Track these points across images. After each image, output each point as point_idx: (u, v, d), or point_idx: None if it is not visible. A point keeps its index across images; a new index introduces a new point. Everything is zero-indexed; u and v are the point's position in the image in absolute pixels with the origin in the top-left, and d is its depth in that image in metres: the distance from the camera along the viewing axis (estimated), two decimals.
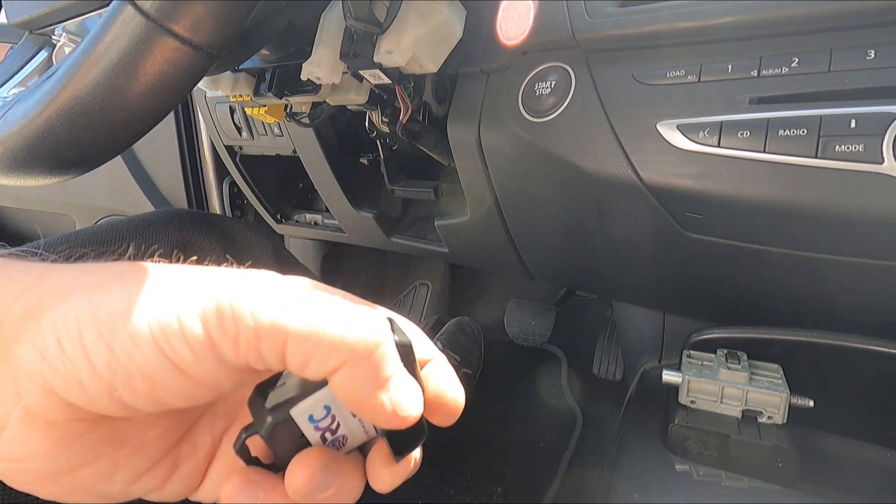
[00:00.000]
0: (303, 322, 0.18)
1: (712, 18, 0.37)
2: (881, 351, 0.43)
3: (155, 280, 0.20)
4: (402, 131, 0.52)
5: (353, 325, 0.19)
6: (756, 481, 0.42)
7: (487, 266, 0.73)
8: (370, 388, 0.19)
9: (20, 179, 0.34)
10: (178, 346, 0.18)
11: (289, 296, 0.19)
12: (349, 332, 0.19)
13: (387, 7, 0.42)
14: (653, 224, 0.44)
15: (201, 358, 0.18)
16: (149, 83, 0.30)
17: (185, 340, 0.18)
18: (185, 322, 0.18)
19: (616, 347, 1.03)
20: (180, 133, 0.96)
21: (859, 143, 0.32)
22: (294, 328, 0.18)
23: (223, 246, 0.54)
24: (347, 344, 0.19)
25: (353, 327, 0.19)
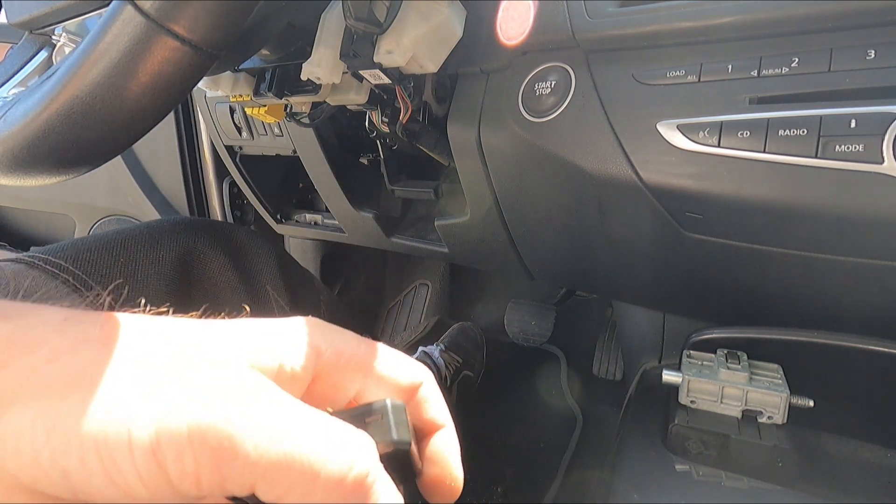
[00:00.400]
0: (276, 455, 0.16)
1: (712, 18, 0.37)
2: (881, 351, 0.43)
3: (120, 380, 0.17)
4: (402, 131, 0.52)
5: (334, 453, 0.17)
6: (756, 481, 0.42)
7: (487, 266, 0.73)
8: None
9: (20, 179, 0.34)
10: (129, 478, 0.16)
11: (262, 416, 0.17)
12: (330, 464, 0.17)
13: (387, 7, 0.42)
14: (653, 224, 0.44)
15: (155, 493, 0.16)
16: (149, 83, 0.30)
17: (136, 472, 0.16)
18: (136, 452, 0.16)
19: (616, 347, 1.03)
20: (180, 133, 0.96)
21: (859, 143, 0.32)
22: (265, 464, 0.16)
23: (227, 254, 0.55)
24: (329, 479, 0.17)
25: (333, 456, 0.17)
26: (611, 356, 1.03)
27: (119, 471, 0.16)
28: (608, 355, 1.03)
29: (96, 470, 0.16)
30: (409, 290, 1.27)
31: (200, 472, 0.16)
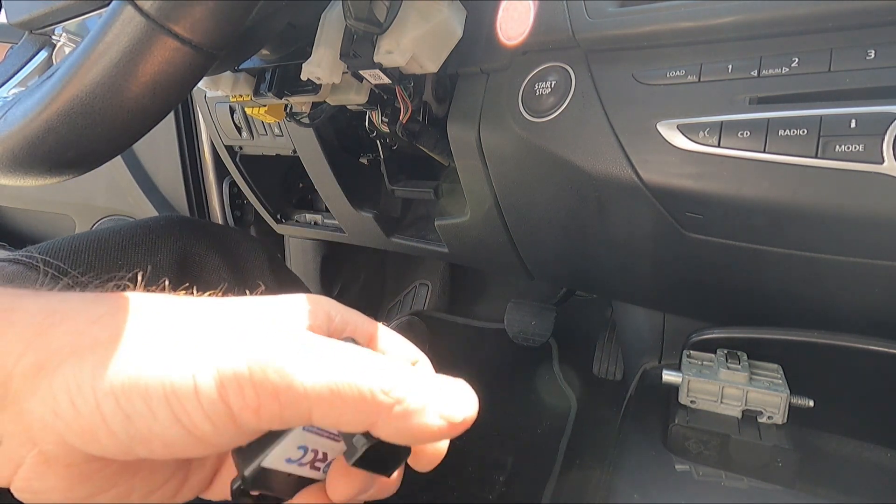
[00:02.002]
0: (325, 387, 0.18)
1: (712, 18, 0.37)
2: (881, 351, 0.43)
3: (168, 335, 0.19)
4: (402, 131, 0.52)
5: (377, 378, 0.19)
6: (756, 481, 0.42)
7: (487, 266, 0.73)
8: (414, 426, 0.19)
9: (20, 179, 0.34)
10: (196, 418, 0.18)
11: (309, 354, 0.19)
12: (376, 388, 0.18)
13: (387, 7, 0.42)
14: (653, 224, 0.44)
15: (220, 428, 0.18)
16: (149, 83, 0.30)
17: (202, 412, 0.18)
18: (202, 393, 0.18)
19: (616, 347, 1.03)
20: (180, 133, 0.96)
21: (859, 143, 0.32)
22: (317, 394, 0.18)
23: (222, 257, 0.55)
24: (376, 402, 0.18)
25: (377, 381, 0.19)
26: (611, 356, 1.03)
27: (185, 410, 0.18)
28: (608, 355, 1.03)
29: (162, 412, 0.18)
30: (409, 290, 1.27)
31: (261, 404, 0.18)
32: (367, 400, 0.18)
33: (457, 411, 0.20)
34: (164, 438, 0.18)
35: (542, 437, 0.95)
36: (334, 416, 0.18)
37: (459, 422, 0.20)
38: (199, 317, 0.20)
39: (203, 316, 0.20)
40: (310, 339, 0.20)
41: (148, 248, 0.51)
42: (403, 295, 1.27)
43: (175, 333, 0.19)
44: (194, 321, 0.20)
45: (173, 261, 0.51)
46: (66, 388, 0.18)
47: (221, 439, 0.18)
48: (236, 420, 0.18)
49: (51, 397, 0.18)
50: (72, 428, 0.18)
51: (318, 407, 0.18)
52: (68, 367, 0.18)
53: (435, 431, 0.19)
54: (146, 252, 0.50)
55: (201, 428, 0.18)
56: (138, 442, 0.18)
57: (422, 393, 0.19)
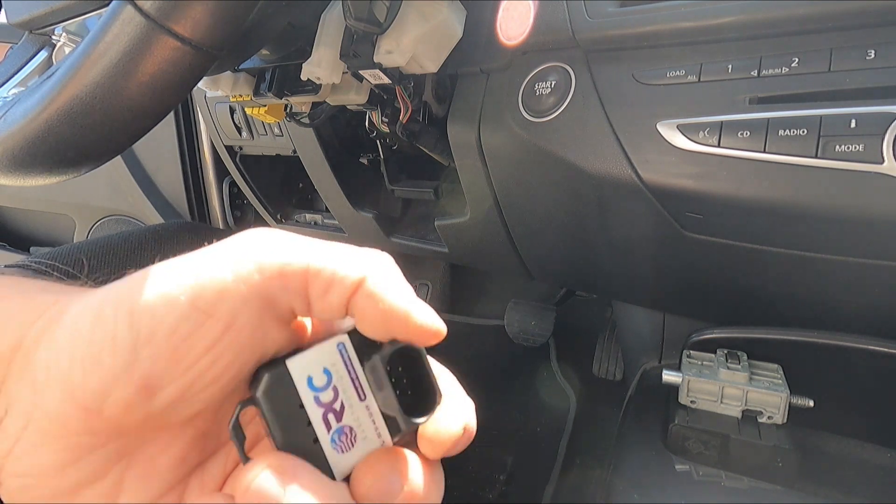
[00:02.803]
0: (319, 258, 0.19)
1: (712, 18, 0.37)
2: (881, 351, 0.43)
3: (170, 265, 0.20)
4: (402, 131, 0.52)
5: (362, 252, 0.20)
6: (756, 481, 0.42)
7: (487, 266, 0.73)
8: (395, 296, 0.20)
9: (20, 179, 0.34)
10: (208, 294, 0.18)
11: (297, 240, 0.20)
12: (360, 256, 0.20)
13: (387, 7, 0.42)
14: (653, 224, 0.44)
15: (225, 297, 0.18)
16: (149, 83, 0.30)
17: (214, 287, 0.18)
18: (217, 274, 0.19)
19: (616, 347, 1.03)
20: (180, 133, 0.96)
21: (859, 143, 0.32)
22: (314, 264, 0.19)
23: None
24: (362, 262, 0.20)
25: (362, 253, 0.20)
26: (611, 356, 1.02)
27: (206, 300, 0.18)
28: (608, 355, 1.03)
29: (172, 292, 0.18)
30: None
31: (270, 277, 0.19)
32: (336, 279, 0.19)
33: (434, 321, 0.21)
34: (168, 323, 0.18)
35: (542, 436, 0.95)
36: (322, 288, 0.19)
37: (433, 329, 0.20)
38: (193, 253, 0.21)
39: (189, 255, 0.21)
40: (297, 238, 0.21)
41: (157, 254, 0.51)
42: None
43: (184, 258, 0.20)
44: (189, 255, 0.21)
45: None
46: (72, 317, 0.19)
47: (226, 313, 0.19)
48: (273, 305, 0.19)
49: (59, 331, 0.18)
50: (74, 359, 0.18)
51: (313, 275, 0.19)
52: (78, 302, 0.19)
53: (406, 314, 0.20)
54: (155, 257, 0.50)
55: (211, 302, 0.18)
56: (143, 340, 0.18)
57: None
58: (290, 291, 0.19)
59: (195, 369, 0.18)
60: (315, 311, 0.20)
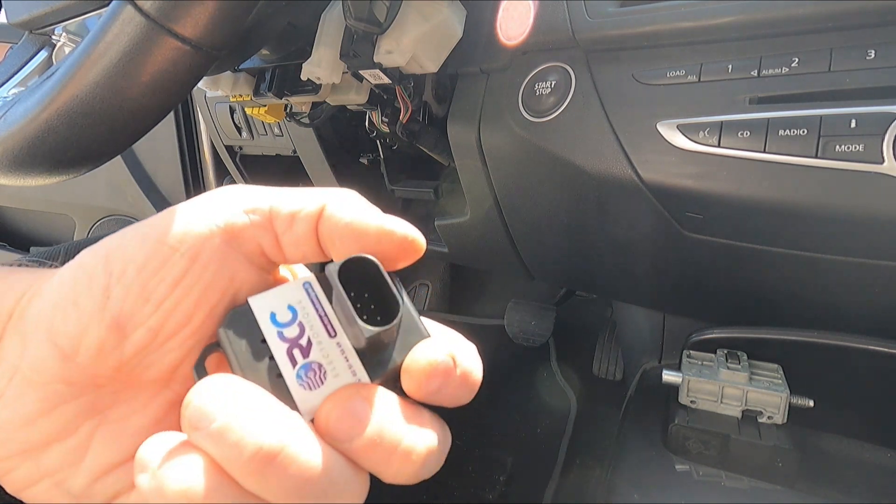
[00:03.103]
0: (282, 196, 0.20)
1: (712, 18, 0.37)
2: (881, 351, 0.43)
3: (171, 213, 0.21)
4: (402, 131, 0.52)
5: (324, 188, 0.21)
6: (756, 481, 0.42)
7: (487, 266, 0.73)
8: (361, 214, 0.20)
9: (20, 179, 0.34)
10: (175, 231, 0.19)
11: (261, 188, 0.21)
12: (321, 189, 0.20)
13: (387, 7, 0.42)
14: (653, 224, 0.44)
15: (189, 231, 0.19)
16: (149, 83, 0.30)
17: (180, 223, 0.19)
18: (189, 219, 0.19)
19: (616, 347, 1.03)
20: (180, 133, 0.96)
21: (859, 143, 0.32)
22: (276, 201, 0.20)
23: None
24: (322, 192, 0.20)
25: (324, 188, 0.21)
26: (611, 356, 1.02)
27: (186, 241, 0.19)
28: (608, 355, 1.03)
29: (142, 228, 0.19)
30: (409, 290, 1.27)
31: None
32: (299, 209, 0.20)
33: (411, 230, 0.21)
34: (136, 252, 0.19)
35: (542, 436, 0.95)
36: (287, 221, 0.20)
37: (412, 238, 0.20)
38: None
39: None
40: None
41: None
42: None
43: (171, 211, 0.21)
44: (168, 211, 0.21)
45: None
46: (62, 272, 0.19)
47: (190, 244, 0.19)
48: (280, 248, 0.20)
49: (49, 286, 0.19)
50: (57, 302, 0.19)
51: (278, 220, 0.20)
52: (74, 261, 0.20)
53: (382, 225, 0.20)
54: None
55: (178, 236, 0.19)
56: (116, 275, 0.19)
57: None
58: (255, 227, 0.20)
59: (164, 308, 0.19)
60: (286, 251, 0.20)
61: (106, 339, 0.18)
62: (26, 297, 0.20)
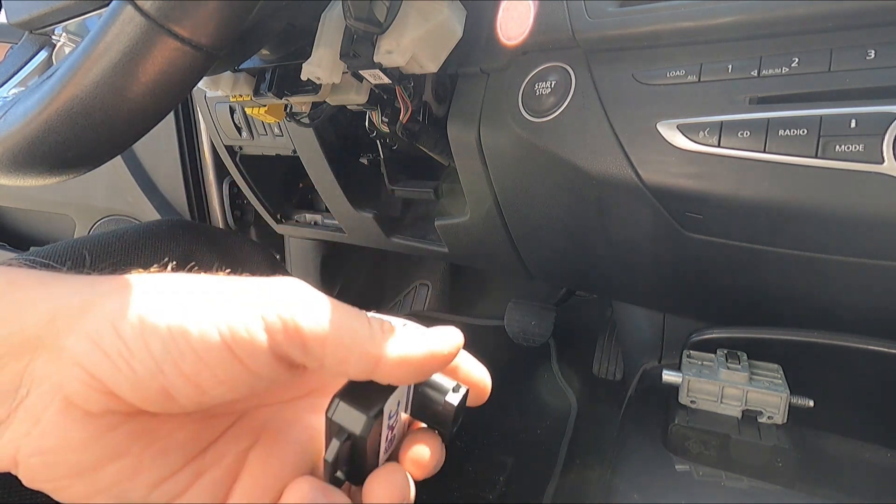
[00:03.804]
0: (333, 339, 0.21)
1: (712, 18, 0.37)
2: (881, 351, 0.43)
3: (209, 293, 0.21)
4: (402, 131, 0.52)
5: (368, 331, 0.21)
6: (756, 481, 0.42)
7: (487, 266, 0.73)
8: (415, 356, 0.21)
9: (20, 179, 0.34)
10: (251, 354, 0.20)
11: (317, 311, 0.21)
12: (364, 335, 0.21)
13: (387, 7, 0.42)
14: (653, 224, 0.44)
15: (267, 363, 0.20)
16: (149, 83, 0.30)
17: (254, 350, 0.20)
18: (255, 337, 0.20)
19: (616, 347, 1.03)
20: (180, 133, 0.96)
21: (859, 143, 0.32)
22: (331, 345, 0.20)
23: (224, 261, 0.56)
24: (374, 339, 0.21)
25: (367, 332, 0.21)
26: (611, 356, 1.02)
27: (242, 348, 0.20)
28: (608, 355, 1.03)
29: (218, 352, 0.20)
30: (409, 291, 1.27)
31: (290, 350, 0.20)
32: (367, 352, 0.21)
33: (444, 344, 0.22)
34: (196, 349, 0.19)
35: (542, 437, 0.95)
36: (339, 359, 0.21)
37: (447, 353, 0.22)
38: (225, 280, 0.22)
39: (227, 279, 0.22)
40: (323, 300, 0.22)
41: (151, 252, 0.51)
42: (403, 295, 1.27)
43: (213, 291, 0.21)
44: (223, 281, 0.22)
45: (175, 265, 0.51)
46: (111, 320, 0.19)
47: (270, 372, 0.20)
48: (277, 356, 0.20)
49: (94, 329, 0.19)
50: (107, 355, 0.19)
51: (329, 354, 0.21)
52: (116, 304, 0.20)
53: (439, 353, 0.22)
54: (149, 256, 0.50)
55: (255, 362, 0.20)
56: (171, 362, 0.19)
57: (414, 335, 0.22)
58: (307, 354, 0.21)
59: (212, 394, 0.20)
60: (328, 371, 0.22)
61: (155, 397, 0.20)
62: (57, 324, 0.20)
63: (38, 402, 0.19)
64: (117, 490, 0.20)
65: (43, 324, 0.20)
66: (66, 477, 0.20)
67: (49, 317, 0.20)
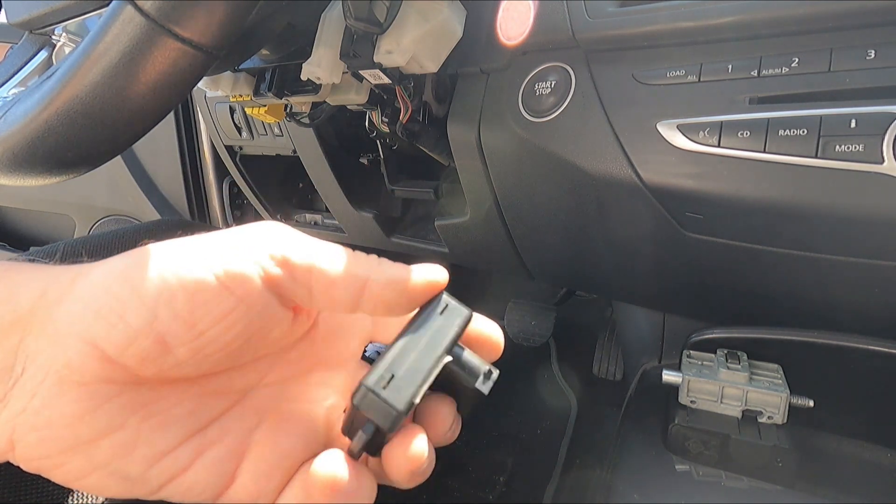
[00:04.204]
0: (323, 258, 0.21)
1: (712, 18, 0.37)
2: (881, 351, 0.43)
3: (194, 241, 0.22)
4: (402, 131, 0.52)
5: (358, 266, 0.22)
6: (756, 481, 0.42)
7: (487, 266, 0.73)
8: (402, 277, 0.22)
9: (20, 179, 0.34)
10: (231, 271, 0.20)
11: (303, 238, 0.22)
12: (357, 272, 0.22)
13: (387, 7, 0.42)
14: (653, 224, 0.44)
15: (268, 301, 0.21)
16: (149, 83, 0.30)
17: (236, 267, 0.20)
18: (242, 259, 0.20)
19: (616, 347, 1.03)
20: (180, 133, 0.96)
21: (859, 143, 0.32)
22: (318, 263, 0.21)
23: None
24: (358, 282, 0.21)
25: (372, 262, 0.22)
26: (611, 356, 1.02)
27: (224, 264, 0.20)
28: (608, 355, 1.03)
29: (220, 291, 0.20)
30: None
31: (290, 286, 0.21)
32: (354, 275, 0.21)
33: (431, 271, 0.23)
34: (187, 286, 0.20)
35: (542, 437, 0.95)
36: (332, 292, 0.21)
37: (434, 279, 0.23)
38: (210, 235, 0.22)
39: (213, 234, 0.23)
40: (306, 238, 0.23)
41: None
42: None
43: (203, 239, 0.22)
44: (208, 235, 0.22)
45: None
46: (101, 277, 0.20)
47: (244, 292, 0.20)
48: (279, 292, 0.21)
49: (84, 292, 0.19)
50: (99, 314, 0.19)
51: (317, 280, 0.21)
52: (104, 268, 0.20)
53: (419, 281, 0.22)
54: None
55: (232, 274, 0.20)
56: (163, 301, 0.19)
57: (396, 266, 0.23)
58: (296, 283, 0.21)
59: (208, 335, 0.20)
60: (318, 304, 0.22)
61: (150, 350, 0.20)
62: (49, 297, 0.20)
63: (34, 377, 0.19)
64: (114, 465, 0.20)
65: (35, 299, 0.20)
66: (62, 452, 0.19)
67: (40, 292, 0.20)
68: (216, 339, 0.20)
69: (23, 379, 0.19)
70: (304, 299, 0.22)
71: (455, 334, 0.23)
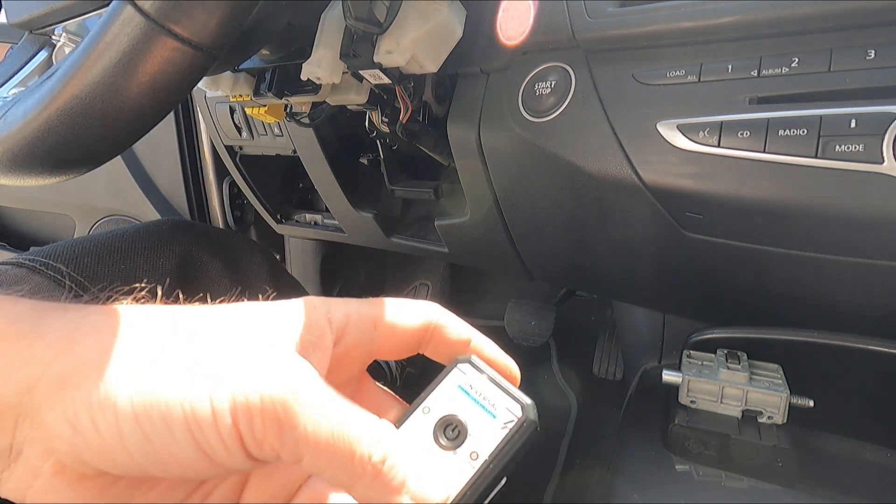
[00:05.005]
0: (325, 433, 0.19)
1: (712, 18, 0.37)
2: (881, 351, 0.43)
3: (188, 352, 0.20)
4: (402, 131, 0.52)
5: (366, 436, 0.20)
6: (756, 481, 0.42)
7: (487, 266, 0.73)
8: (387, 497, 0.20)
9: (20, 179, 0.34)
10: (212, 440, 0.18)
11: (315, 397, 0.19)
12: (362, 451, 0.19)
13: (387, 7, 0.42)
14: (653, 224, 0.44)
15: (232, 453, 0.19)
16: (149, 83, 0.30)
17: (218, 435, 0.18)
18: (218, 417, 0.18)
19: (616, 347, 1.03)
20: (180, 133, 0.96)
21: (859, 143, 0.32)
22: (315, 439, 0.19)
23: (223, 261, 0.55)
24: (360, 465, 0.19)
25: (366, 438, 0.20)
26: (611, 356, 1.03)
27: (202, 432, 0.18)
28: (608, 355, 1.03)
29: (180, 434, 0.18)
30: (410, 290, 1.27)
31: (266, 437, 0.18)
32: (354, 462, 0.19)
33: (431, 493, 0.21)
34: (180, 459, 0.19)
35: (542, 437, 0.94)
36: (321, 466, 0.19)
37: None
38: (214, 331, 0.21)
39: (217, 330, 0.21)
40: (319, 385, 0.20)
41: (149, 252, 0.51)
42: (403, 295, 1.27)
43: (193, 351, 0.20)
44: (210, 336, 0.21)
45: (174, 265, 0.52)
46: (87, 406, 0.18)
47: (234, 463, 0.19)
48: (246, 447, 0.19)
49: (72, 412, 0.18)
50: (89, 445, 0.18)
51: (312, 453, 0.19)
52: (91, 384, 0.19)
53: None
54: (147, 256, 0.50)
55: (216, 450, 0.19)
56: (154, 462, 0.19)
57: (403, 469, 0.20)
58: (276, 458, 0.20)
59: (195, 476, 0.20)
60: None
61: (138, 473, 0.20)
62: (38, 396, 0.19)
63: (35, 460, 0.19)
64: None
65: (22, 393, 0.19)
66: None
67: (26, 388, 0.19)
68: (199, 473, 0.20)
69: (22, 458, 0.19)
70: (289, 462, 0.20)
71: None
